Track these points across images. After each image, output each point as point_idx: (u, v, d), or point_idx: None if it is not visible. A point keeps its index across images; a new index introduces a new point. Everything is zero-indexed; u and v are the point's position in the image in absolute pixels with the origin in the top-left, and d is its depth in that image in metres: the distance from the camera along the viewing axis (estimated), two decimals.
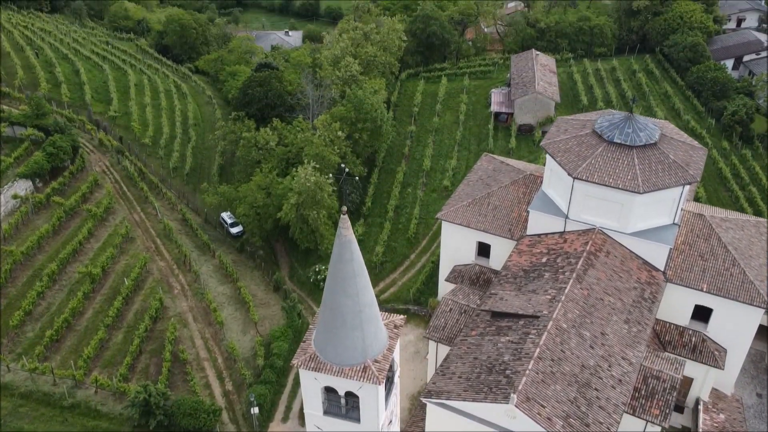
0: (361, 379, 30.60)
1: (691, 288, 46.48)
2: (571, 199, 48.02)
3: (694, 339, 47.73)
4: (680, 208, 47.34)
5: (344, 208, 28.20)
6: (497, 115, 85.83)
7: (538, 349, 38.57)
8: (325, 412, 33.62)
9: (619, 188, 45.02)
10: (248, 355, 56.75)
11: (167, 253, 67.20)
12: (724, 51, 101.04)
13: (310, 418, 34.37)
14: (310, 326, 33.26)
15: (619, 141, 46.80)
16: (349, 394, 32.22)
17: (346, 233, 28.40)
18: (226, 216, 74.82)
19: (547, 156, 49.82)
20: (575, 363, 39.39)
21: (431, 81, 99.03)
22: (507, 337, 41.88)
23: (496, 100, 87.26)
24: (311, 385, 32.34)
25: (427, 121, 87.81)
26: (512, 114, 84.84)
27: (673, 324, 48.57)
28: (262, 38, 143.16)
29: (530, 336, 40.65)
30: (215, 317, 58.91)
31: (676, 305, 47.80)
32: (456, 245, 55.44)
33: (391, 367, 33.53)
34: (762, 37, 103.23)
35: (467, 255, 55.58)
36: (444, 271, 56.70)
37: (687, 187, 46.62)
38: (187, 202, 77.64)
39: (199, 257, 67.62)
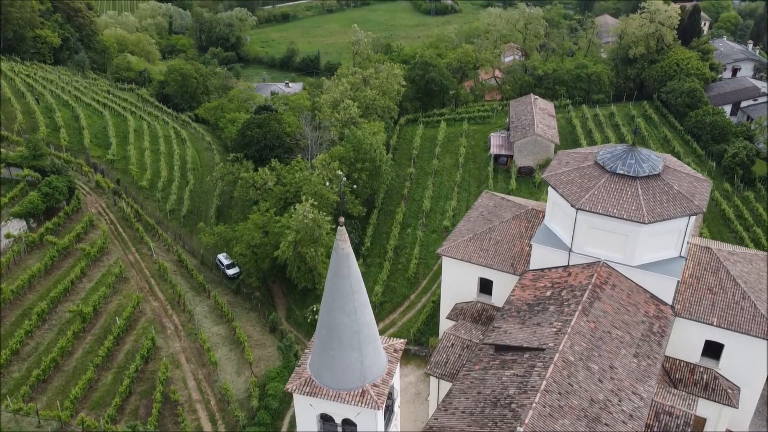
0: (359, 404, 28.90)
1: (700, 322, 44.93)
2: (574, 232, 46.93)
3: (705, 376, 45.93)
4: (686, 241, 46.25)
5: (341, 219, 27.05)
6: (497, 157, 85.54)
7: (544, 382, 36.90)
8: None
9: (623, 219, 43.94)
10: (242, 397, 54.65)
11: (161, 293, 65.66)
12: (721, 97, 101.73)
13: None
14: (306, 350, 31.68)
15: (621, 172, 45.99)
16: (347, 422, 30.39)
17: (344, 246, 27.19)
18: (222, 257, 73.68)
19: (549, 188, 48.97)
20: (584, 397, 37.60)
21: (430, 126, 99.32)
22: (512, 371, 40.19)
23: (496, 143, 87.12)
24: (306, 413, 30.54)
25: (426, 163, 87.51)
26: (512, 156, 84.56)
27: (684, 361, 46.84)
28: (262, 89, 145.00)
29: (536, 369, 38.98)
30: (209, 357, 57.01)
31: (685, 341, 46.17)
32: (457, 281, 54.01)
33: (391, 394, 31.83)
34: (759, 83, 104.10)
35: (469, 292, 54.11)
36: (445, 308, 55.11)
37: (693, 219, 45.63)
38: (183, 244, 76.50)
39: (194, 298, 66.04)
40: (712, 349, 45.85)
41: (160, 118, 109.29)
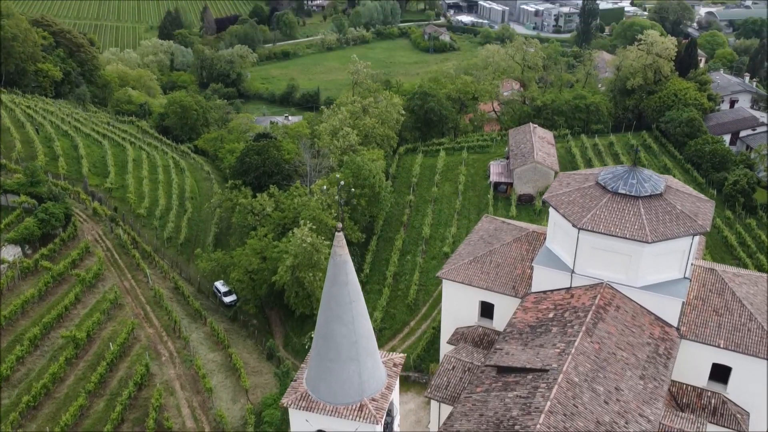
0: (358, 419, 27.79)
1: (707, 344, 43.90)
2: (576, 253, 46.18)
3: (713, 401, 44.70)
4: (690, 262, 45.51)
5: (339, 225, 26.38)
6: (497, 185, 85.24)
7: (548, 403, 35.79)
8: None
9: (626, 238, 43.26)
10: (238, 425, 53.22)
11: (156, 320, 64.55)
12: (720, 127, 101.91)
13: None
14: (302, 365, 30.70)
15: (623, 191, 45.48)
16: None
17: (341, 252, 26.46)
18: (219, 285, 72.77)
19: (550, 209, 48.42)
20: (589, 419, 36.43)
21: (429, 155, 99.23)
22: (515, 392, 39.06)
23: (495, 171, 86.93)
24: (302, 429, 29.39)
25: (425, 191, 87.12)
26: (512, 184, 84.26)
27: (690, 385, 45.66)
28: (262, 122, 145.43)
29: (540, 390, 37.89)
30: (204, 384, 55.68)
31: (692, 364, 45.05)
32: (458, 305, 53.04)
33: (390, 411, 30.67)
34: (757, 113, 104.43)
35: (470, 316, 53.10)
36: (446, 333, 54.02)
37: (696, 240, 44.99)
38: (180, 272, 75.62)
39: (190, 324, 64.94)
40: (720, 373, 44.76)
41: (160, 148, 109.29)
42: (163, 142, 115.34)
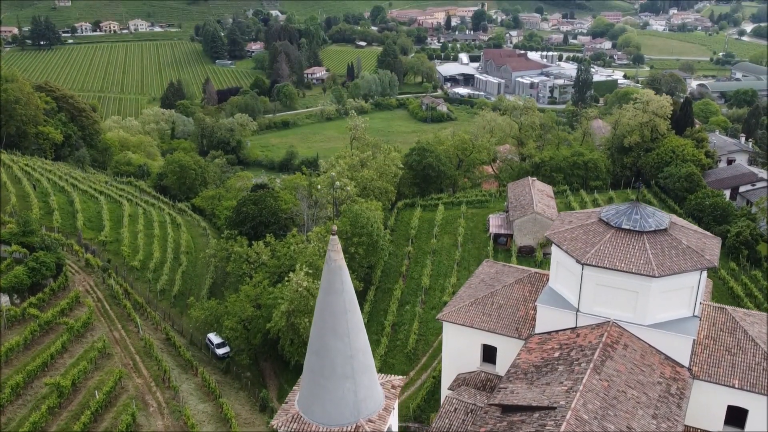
0: None
1: (721, 384, 41.91)
2: (581, 291, 44.71)
3: None
4: (699, 300, 44.00)
5: (334, 228, 25.05)
6: (496, 237, 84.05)
7: None
8: None
9: (632, 273, 41.91)
10: None
11: (146, 370, 62.01)
12: (719, 183, 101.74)
13: None
14: (294, 388, 28.76)
15: (627, 227, 44.47)
16: None
17: (336, 257, 24.97)
18: (212, 336, 70.51)
19: (553, 247, 47.28)
20: None
21: (428, 209, 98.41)
22: (521, 431, 36.84)
23: (495, 223, 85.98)
24: None
25: (424, 243, 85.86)
26: (511, 236, 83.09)
27: (705, 431, 43.31)
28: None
29: (548, 428, 35.70)
30: None
31: (706, 407, 42.87)
32: (459, 349, 51.03)
33: None
34: (755, 170, 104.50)
35: (471, 360, 51.02)
36: (447, 380, 51.75)
37: (704, 277, 43.66)
38: (173, 324, 73.42)
39: (180, 375, 62.33)
40: (736, 416, 42.58)
41: (157, 205, 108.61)
42: (161, 200, 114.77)
